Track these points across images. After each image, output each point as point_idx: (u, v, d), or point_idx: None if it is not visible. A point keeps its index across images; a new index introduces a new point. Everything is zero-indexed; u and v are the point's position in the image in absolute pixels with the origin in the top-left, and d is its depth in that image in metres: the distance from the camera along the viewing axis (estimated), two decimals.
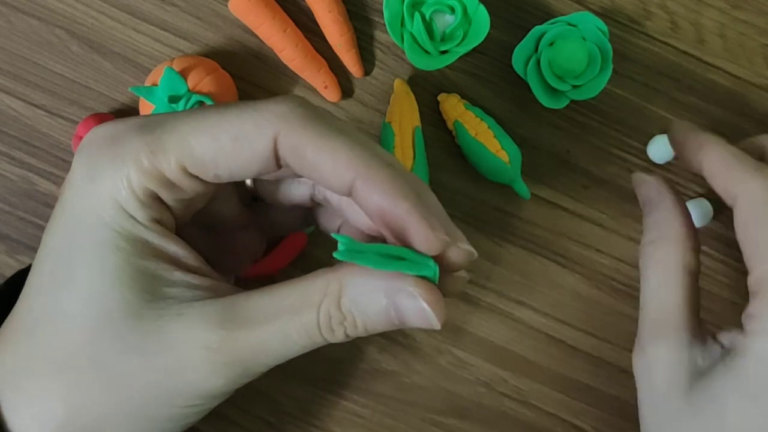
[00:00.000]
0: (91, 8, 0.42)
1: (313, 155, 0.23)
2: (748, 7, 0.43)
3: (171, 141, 0.24)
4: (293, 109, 0.24)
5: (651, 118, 0.43)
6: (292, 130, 0.23)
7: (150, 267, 0.24)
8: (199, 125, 0.24)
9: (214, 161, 0.24)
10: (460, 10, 0.39)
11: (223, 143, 0.24)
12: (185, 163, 0.24)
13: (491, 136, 0.41)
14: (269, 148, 0.24)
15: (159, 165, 0.24)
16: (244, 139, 0.24)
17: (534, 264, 0.43)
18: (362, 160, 0.23)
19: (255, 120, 0.24)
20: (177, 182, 0.24)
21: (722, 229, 0.43)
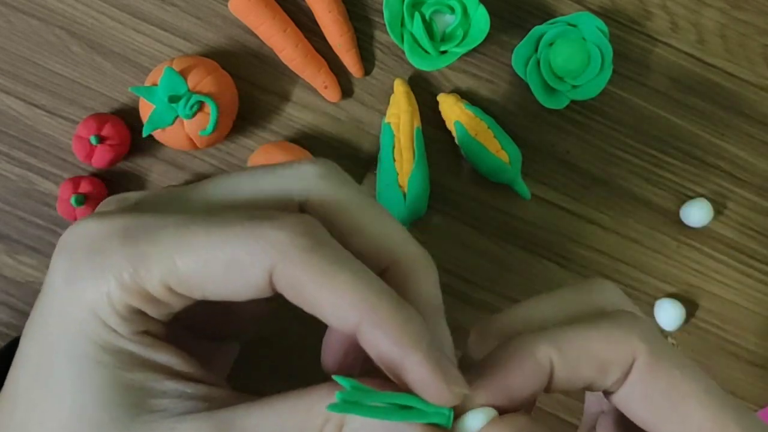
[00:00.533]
0: (91, 8, 0.42)
1: (313, 293, 0.21)
2: (748, 7, 0.43)
3: (155, 258, 0.21)
4: (294, 239, 0.21)
5: (651, 118, 0.43)
6: (290, 263, 0.21)
7: (137, 379, 0.23)
8: (187, 243, 0.21)
9: (201, 285, 0.22)
10: (460, 10, 0.39)
11: (212, 269, 0.21)
12: (170, 283, 0.22)
13: (491, 136, 0.41)
14: (264, 279, 0.21)
15: (142, 282, 0.22)
16: (235, 268, 0.21)
17: (534, 264, 0.43)
18: (368, 303, 0.21)
19: (250, 248, 0.21)
20: (162, 299, 0.22)
21: (722, 229, 0.43)
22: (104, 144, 0.40)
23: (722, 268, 0.43)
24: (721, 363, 0.44)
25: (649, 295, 0.43)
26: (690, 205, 0.42)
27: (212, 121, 0.39)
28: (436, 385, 0.21)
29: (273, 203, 0.23)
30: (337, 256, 0.21)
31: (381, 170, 0.41)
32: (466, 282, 0.43)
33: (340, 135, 0.42)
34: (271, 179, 0.23)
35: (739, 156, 0.43)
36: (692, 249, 0.43)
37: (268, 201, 0.23)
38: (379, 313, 0.21)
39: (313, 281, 0.21)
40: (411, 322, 0.21)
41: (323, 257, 0.21)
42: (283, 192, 0.23)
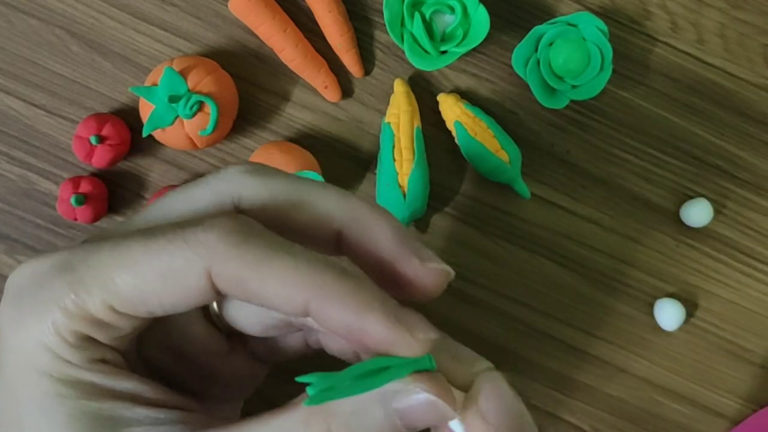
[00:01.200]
0: (91, 8, 0.42)
1: (256, 285, 0.21)
2: (748, 7, 0.43)
3: (93, 280, 0.21)
4: (223, 237, 0.21)
5: (651, 118, 0.43)
6: (225, 261, 0.21)
7: (104, 409, 0.22)
8: (123, 261, 0.21)
9: (143, 300, 0.21)
10: (460, 10, 0.39)
11: (150, 281, 0.21)
12: (111, 302, 0.21)
13: (491, 136, 0.41)
14: (202, 283, 0.21)
15: (84, 306, 0.21)
16: (172, 276, 0.21)
17: (534, 264, 0.43)
18: (312, 280, 0.21)
19: (183, 254, 0.21)
20: (108, 321, 0.22)
21: (722, 229, 0.43)
22: (104, 144, 0.40)
23: (722, 268, 0.43)
24: (721, 363, 0.44)
25: (648, 294, 0.43)
26: (690, 205, 0.42)
27: (212, 121, 0.39)
28: (400, 338, 0.20)
29: (209, 212, 0.23)
30: (270, 244, 0.21)
31: (381, 170, 0.41)
32: (465, 281, 0.43)
33: (340, 135, 0.42)
34: (202, 190, 0.23)
35: (739, 156, 0.43)
36: (692, 249, 0.43)
37: (204, 211, 0.23)
38: (325, 287, 0.21)
39: (253, 273, 0.21)
40: (359, 287, 0.21)
41: (257, 247, 0.21)
42: (216, 199, 0.23)
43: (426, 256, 0.22)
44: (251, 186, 0.23)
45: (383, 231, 0.22)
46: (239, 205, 0.23)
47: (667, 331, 0.43)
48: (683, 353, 0.44)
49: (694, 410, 0.44)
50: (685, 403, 0.44)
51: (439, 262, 0.22)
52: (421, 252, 0.22)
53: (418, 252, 0.22)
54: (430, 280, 0.22)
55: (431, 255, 0.23)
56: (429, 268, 0.22)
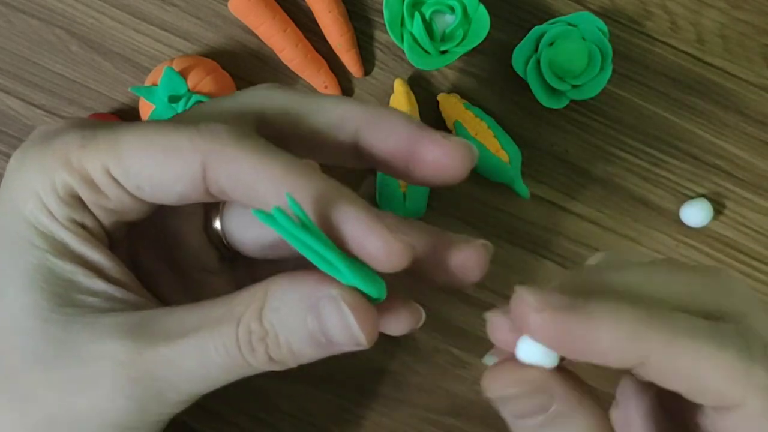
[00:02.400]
0: (91, 8, 0.42)
1: (250, 176, 0.22)
2: (748, 7, 0.43)
3: (104, 139, 0.22)
4: (229, 129, 0.22)
5: (651, 118, 0.43)
6: (225, 149, 0.22)
7: (66, 270, 0.22)
8: (136, 132, 0.22)
9: (139, 172, 0.22)
10: (460, 10, 0.39)
11: (153, 152, 0.22)
12: (110, 167, 0.22)
13: (491, 136, 0.41)
14: (199, 169, 0.22)
15: (85, 162, 0.22)
16: (173, 153, 0.22)
17: (534, 264, 0.43)
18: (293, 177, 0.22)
19: (189, 135, 0.22)
20: (99, 184, 0.23)
21: (722, 229, 0.43)
22: None
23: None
24: None
25: None
26: (690, 205, 0.42)
27: None
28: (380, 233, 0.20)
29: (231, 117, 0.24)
30: (269, 145, 0.22)
31: None
32: None
33: None
34: (230, 102, 0.25)
35: (739, 156, 0.43)
36: (692, 249, 0.43)
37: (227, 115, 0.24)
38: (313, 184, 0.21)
39: (249, 164, 0.21)
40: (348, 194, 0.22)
41: (256, 144, 0.22)
42: (240, 108, 0.24)
43: (446, 136, 0.24)
44: (274, 97, 0.25)
45: (400, 120, 0.24)
46: (263, 113, 0.24)
47: None
48: None
49: None
50: None
51: (461, 143, 0.24)
52: (441, 133, 0.24)
53: (439, 133, 0.24)
54: (456, 154, 0.23)
55: (449, 135, 0.24)
56: (453, 142, 0.23)
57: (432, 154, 0.23)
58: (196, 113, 0.25)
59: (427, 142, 0.23)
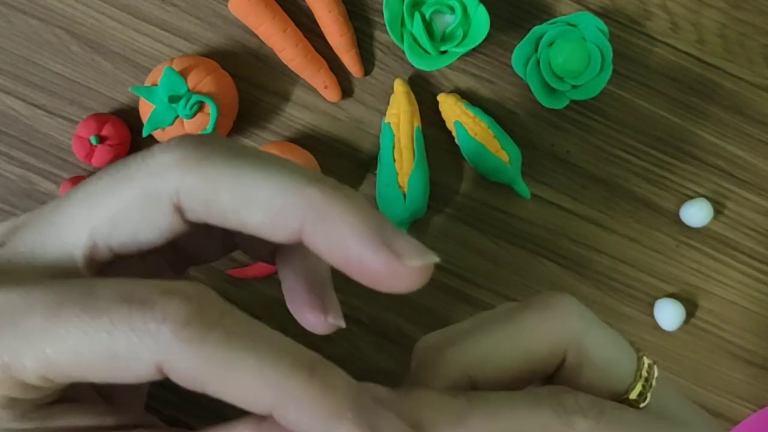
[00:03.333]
0: (91, 8, 0.42)
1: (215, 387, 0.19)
2: (748, 7, 0.43)
3: (25, 352, 0.19)
4: (178, 332, 0.18)
5: (651, 119, 0.43)
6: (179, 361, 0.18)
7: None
8: (58, 334, 0.19)
9: (81, 375, 0.19)
10: (460, 10, 0.39)
11: (90, 361, 0.19)
12: (46, 374, 0.19)
13: (491, 136, 0.41)
14: (152, 372, 0.19)
15: (15, 376, 0.19)
16: (117, 360, 0.19)
17: (534, 264, 0.43)
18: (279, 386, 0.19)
19: (130, 344, 0.18)
20: (42, 386, 0.20)
21: (722, 229, 0.43)
22: (104, 144, 0.40)
23: (722, 268, 0.43)
24: (721, 363, 0.44)
25: (649, 295, 0.43)
26: (690, 205, 0.42)
27: (212, 121, 0.39)
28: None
29: (137, 220, 0.20)
30: (232, 337, 0.18)
31: (381, 170, 0.41)
32: (465, 281, 0.43)
33: (340, 135, 0.42)
34: (130, 189, 0.20)
35: (739, 156, 0.43)
36: (692, 249, 0.43)
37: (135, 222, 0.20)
38: (292, 393, 0.18)
39: (211, 376, 0.18)
40: (329, 390, 0.19)
41: (216, 346, 0.18)
42: (149, 201, 0.20)
43: (401, 247, 0.19)
44: (190, 182, 0.19)
45: (346, 223, 0.19)
46: (179, 205, 0.20)
47: (667, 331, 0.43)
48: (683, 353, 0.44)
49: None
50: None
51: (419, 254, 0.19)
52: (395, 243, 0.19)
53: (391, 243, 0.19)
54: (405, 276, 0.19)
55: (408, 245, 0.19)
56: (405, 265, 0.19)
57: (377, 268, 0.19)
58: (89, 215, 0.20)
59: (376, 261, 0.19)
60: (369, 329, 0.42)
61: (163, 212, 0.20)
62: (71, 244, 0.21)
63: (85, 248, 0.20)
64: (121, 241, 0.20)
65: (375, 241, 0.19)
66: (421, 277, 0.19)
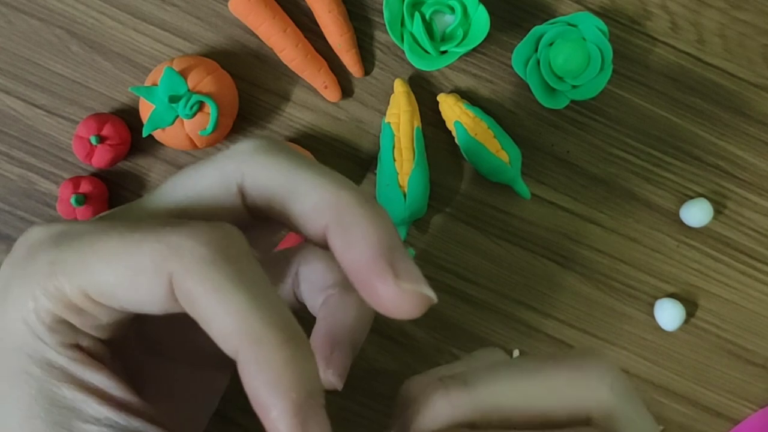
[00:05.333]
0: (91, 8, 0.42)
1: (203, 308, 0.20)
2: (748, 7, 0.43)
3: (72, 263, 0.21)
4: (196, 248, 0.20)
5: (651, 119, 0.43)
6: (186, 273, 0.20)
7: (66, 397, 0.22)
8: (100, 249, 0.21)
9: (113, 293, 0.21)
10: (460, 10, 0.39)
11: (120, 275, 0.20)
12: (87, 289, 0.21)
13: (491, 136, 0.41)
14: (165, 288, 0.20)
15: (62, 288, 0.21)
16: (141, 274, 0.20)
17: (534, 264, 0.43)
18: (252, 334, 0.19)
19: (153, 254, 0.20)
20: (83, 308, 0.21)
21: (722, 229, 0.43)
22: (104, 144, 0.40)
23: (722, 268, 0.43)
24: (721, 363, 0.44)
25: (649, 295, 0.43)
26: (690, 205, 0.42)
27: (212, 121, 0.39)
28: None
29: (212, 194, 0.22)
30: (239, 275, 0.20)
31: (381, 170, 0.41)
32: (465, 281, 0.43)
33: (340, 135, 0.42)
34: (211, 168, 0.23)
35: (739, 156, 0.43)
36: (692, 249, 0.43)
37: (208, 192, 0.22)
38: (258, 348, 0.19)
39: (205, 296, 0.19)
40: (291, 365, 0.19)
41: (221, 272, 0.19)
42: (221, 179, 0.22)
43: (406, 273, 0.20)
44: (253, 167, 0.22)
45: (364, 237, 0.20)
46: (243, 186, 0.22)
47: (667, 331, 0.43)
48: (683, 353, 0.44)
49: (694, 410, 0.44)
50: (686, 403, 0.44)
51: (420, 285, 0.20)
52: (402, 268, 0.20)
53: (398, 267, 0.20)
54: (403, 303, 0.20)
55: (413, 274, 0.20)
56: (404, 290, 0.20)
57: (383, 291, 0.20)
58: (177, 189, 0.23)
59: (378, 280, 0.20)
60: (370, 329, 0.42)
61: (231, 192, 0.22)
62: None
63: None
64: None
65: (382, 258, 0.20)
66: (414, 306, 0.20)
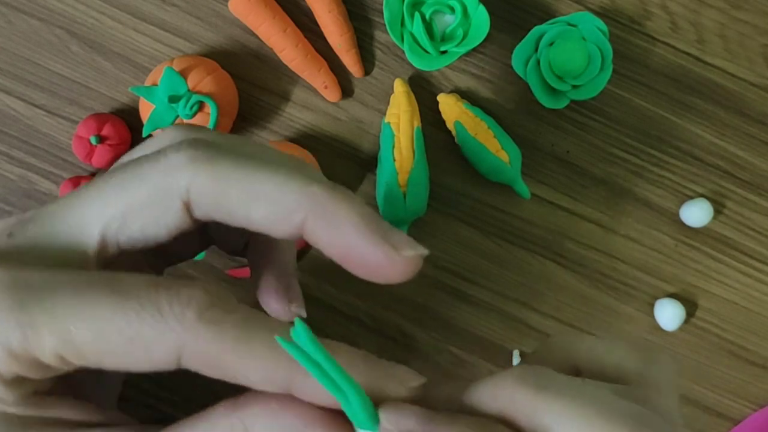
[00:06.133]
0: (91, 8, 0.42)
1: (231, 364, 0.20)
2: (748, 7, 0.43)
3: (48, 327, 0.19)
4: (201, 314, 0.19)
5: (651, 118, 0.43)
6: (200, 341, 0.19)
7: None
8: (85, 313, 0.19)
9: (98, 358, 0.20)
10: (460, 10, 0.39)
11: (113, 343, 0.19)
12: (63, 354, 0.20)
13: (491, 136, 0.41)
14: (169, 358, 0.20)
15: (32, 352, 0.20)
16: (139, 344, 0.19)
17: (534, 264, 0.43)
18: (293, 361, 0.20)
19: (156, 325, 0.19)
20: (53, 366, 0.20)
21: (722, 229, 0.43)
22: (104, 144, 0.40)
23: (722, 268, 0.43)
24: (721, 363, 0.44)
25: (649, 294, 0.43)
26: (690, 205, 0.42)
27: (212, 121, 0.39)
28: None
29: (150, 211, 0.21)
30: (249, 323, 0.20)
31: (381, 170, 0.41)
32: (465, 281, 0.43)
33: (340, 135, 0.42)
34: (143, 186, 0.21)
35: (739, 156, 0.43)
36: (692, 249, 0.43)
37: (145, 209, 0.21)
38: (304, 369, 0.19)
39: (231, 354, 0.19)
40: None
41: (234, 326, 0.19)
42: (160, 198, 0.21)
43: (397, 241, 0.21)
44: (201, 180, 0.21)
45: (349, 219, 0.21)
46: (188, 203, 0.21)
47: (667, 331, 0.43)
48: (683, 353, 0.44)
49: (694, 410, 0.44)
50: (686, 403, 0.44)
51: (412, 246, 0.21)
52: (392, 237, 0.21)
53: (389, 238, 0.21)
54: (401, 267, 0.21)
55: (403, 239, 0.21)
56: (402, 256, 0.21)
57: (376, 260, 0.21)
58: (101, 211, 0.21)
59: (375, 252, 0.21)
60: (369, 329, 0.42)
61: (173, 209, 0.21)
62: (83, 239, 0.21)
63: (96, 243, 0.21)
64: (130, 237, 0.21)
65: (375, 235, 0.21)
66: (413, 267, 0.21)
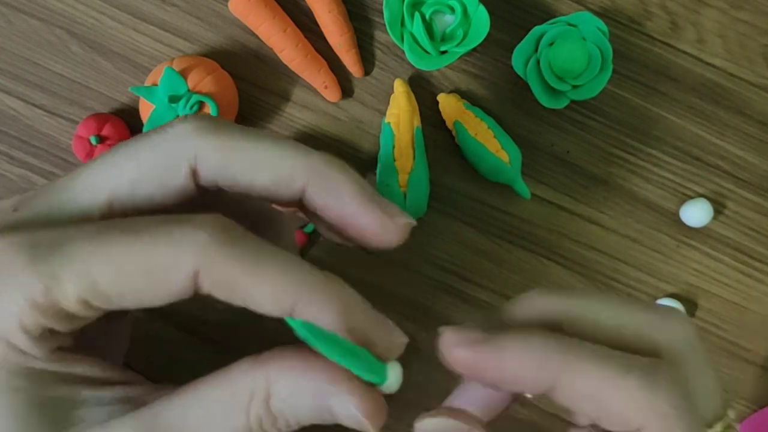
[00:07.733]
0: (91, 8, 0.42)
1: (245, 286, 0.21)
2: (748, 7, 0.43)
3: (69, 274, 0.20)
4: (215, 236, 0.20)
5: (651, 118, 0.43)
6: (216, 262, 0.20)
7: (55, 395, 0.22)
8: (103, 254, 0.20)
9: (120, 295, 0.21)
10: (460, 10, 0.39)
11: (132, 278, 0.20)
12: (87, 297, 0.20)
13: (491, 136, 0.41)
14: (188, 283, 0.20)
15: (55, 300, 0.20)
16: (157, 274, 0.20)
17: (534, 264, 0.43)
18: (302, 284, 0.21)
19: (172, 252, 0.20)
20: (77, 314, 0.21)
21: (722, 229, 0.43)
22: (104, 144, 0.40)
23: (722, 268, 0.43)
24: (721, 363, 0.44)
25: (649, 295, 0.43)
26: (690, 205, 0.42)
27: None
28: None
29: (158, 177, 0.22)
30: (259, 246, 0.21)
31: (381, 170, 0.41)
32: (465, 281, 0.43)
33: (340, 135, 0.42)
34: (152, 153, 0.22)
35: (739, 156, 0.43)
36: (692, 249, 0.43)
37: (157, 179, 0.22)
38: (314, 290, 0.21)
39: (243, 274, 0.20)
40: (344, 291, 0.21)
41: (247, 249, 0.21)
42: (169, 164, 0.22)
43: (391, 210, 0.23)
44: (208, 147, 0.22)
45: (346, 187, 0.23)
46: (196, 168, 0.22)
47: None
48: None
49: None
50: None
51: (404, 216, 0.23)
52: (386, 206, 0.23)
53: (383, 207, 0.23)
54: (393, 232, 0.23)
55: (395, 208, 0.23)
56: (394, 222, 0.23)
57: (371, 225, 0.23)
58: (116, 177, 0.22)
59: (371, 218, 0.23)
60: None
61: (181, 174, 0.22)
62: (89, 206, 0.22)
63: (102, 209, 0.22)
64: (136, 204, 0.22)
65: (371, 203, 0.23)
66: (404, 234, 0.23)
